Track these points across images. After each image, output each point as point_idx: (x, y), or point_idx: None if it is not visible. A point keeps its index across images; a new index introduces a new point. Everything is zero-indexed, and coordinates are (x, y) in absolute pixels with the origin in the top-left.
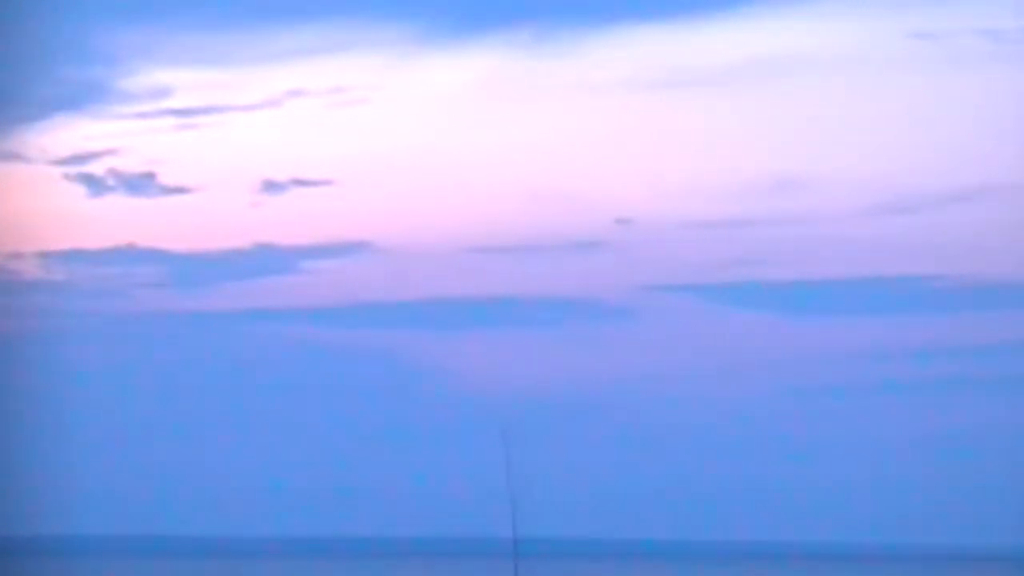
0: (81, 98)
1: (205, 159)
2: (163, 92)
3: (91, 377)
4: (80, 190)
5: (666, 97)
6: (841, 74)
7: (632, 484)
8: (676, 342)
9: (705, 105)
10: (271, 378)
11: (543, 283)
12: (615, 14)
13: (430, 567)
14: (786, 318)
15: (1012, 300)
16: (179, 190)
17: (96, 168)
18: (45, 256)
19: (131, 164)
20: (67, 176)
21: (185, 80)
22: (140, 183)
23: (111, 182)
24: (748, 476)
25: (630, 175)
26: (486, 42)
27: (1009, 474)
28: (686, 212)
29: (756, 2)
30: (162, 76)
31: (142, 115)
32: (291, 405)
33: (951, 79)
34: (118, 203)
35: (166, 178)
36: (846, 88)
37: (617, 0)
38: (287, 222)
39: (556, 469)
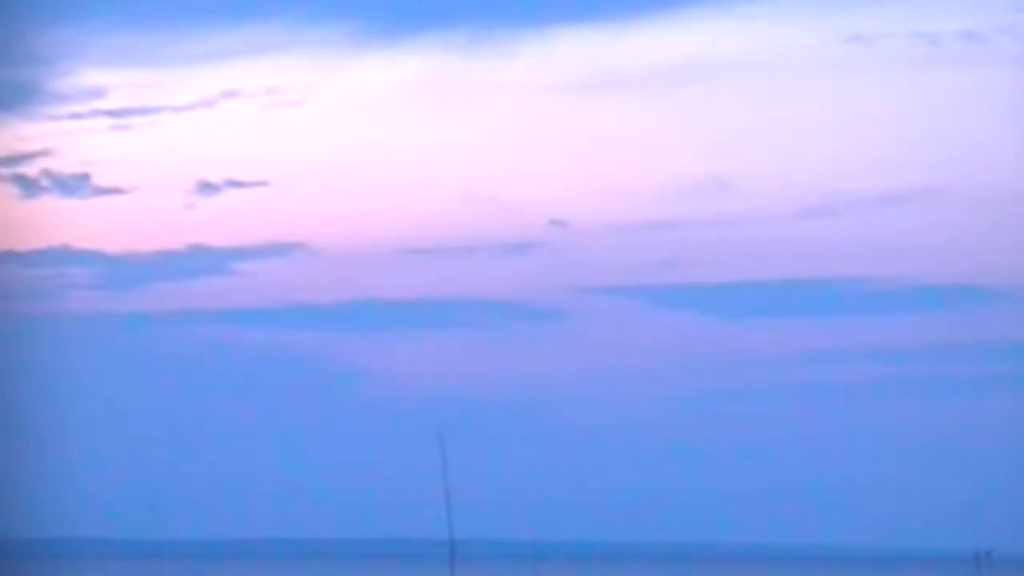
0: (13, 99)
1: (139, 160)
2: (97, 93)
3: (23, 379)
4: (13, 191)
5: (599, 99)
6: (772, 77)
7: (566, 485)
8: (609, 343)
9: (637, 107)
10: (205, 379)
11: (477, 284)
12: (548, 16)
13: (365, 569)
14: (717, 319)
15: (939, 301)
16: (113, 191)
17: (29, 169)
18: None
19: (65, 165)
20: (0, 177)
21: (119, 80)
22: (74, 184)
23: (44, 183)
24: (679, 477)
25: (563, 177)
26: (420, 43)
27: (936, 473)
28: (619, 214)
29: (689, 5)
30: (96, 76)
31: (76, 116)
32: (225, 406)
33: (882, 82)
34: (51, 204)
35: (100, 179)
36: (777, 91)
37: (550, 2)
38: (221, 223)
39: (491, 470)
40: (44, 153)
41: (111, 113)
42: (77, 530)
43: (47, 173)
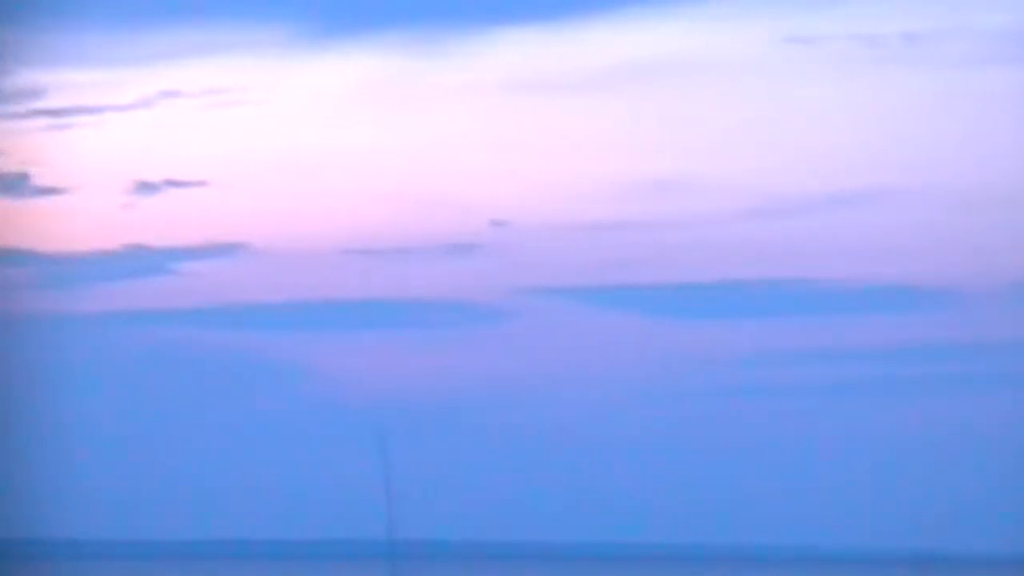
0: None
1: (79, 160)
2: (36, 92)
3: None
4: None
5: (542, 99)
6: (717, 77)
7: (509, 486)
8: (552, 344)
9: (581, 107)
10: (145, 380)
11: (419, 285)
12: (493, 17)
13: (306, 570)
14: (662, 321)
15: (890, 303)
16: (52, 191)
17: None
18: None
19: (4, 165)
20: None
21: (58, 80)
22: (13, 184)
23: None
24: (622, 478)
25: (507, 177)
26: (362, 44)
27: (888, 474)
28: (562, 214)
29: (633, 5)
30: (35, 76)
31: (14, 116)
32: (166, 407)
33: (827, 83)
34: None
35: (39, 179)
36: (722, 91)
37: (495, 3)
38: (161, 223)
39: (432, 472)
40: None
41: (51, 113)
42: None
43: None
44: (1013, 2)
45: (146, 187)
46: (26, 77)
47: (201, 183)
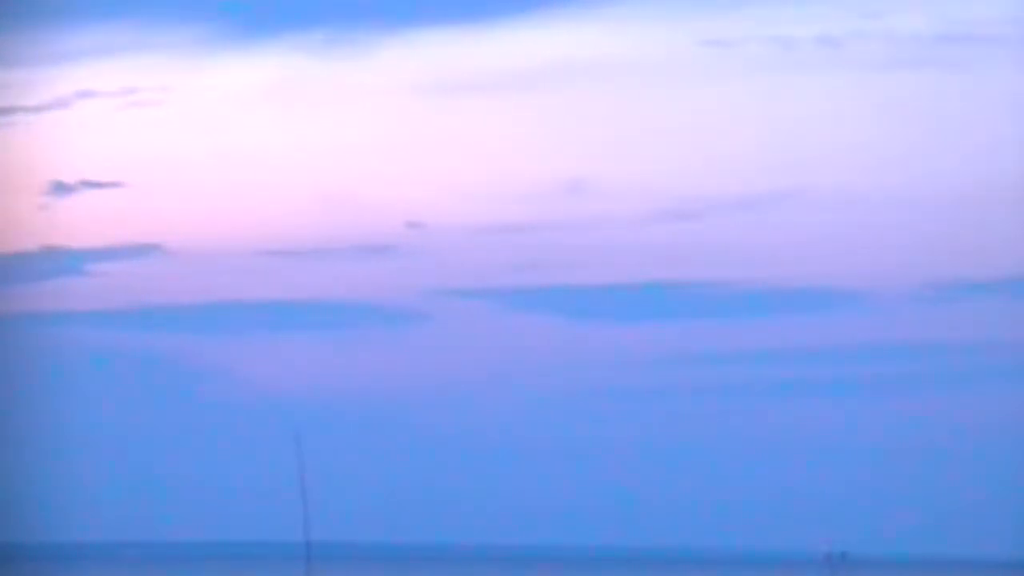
0: None
1: None
2: None
3: None
4: None
5: (456, 101)
6: (630, 80)
7: (424, 488)
8: (467, 347)
9: (495, 109)
10: (59, 382)
11: (334, 287)
12: (405, 18)
13: (221, 572)
14: (576, 323)
15: (801, 305)
16: None
17: None
18: None
19: None
20: None
21: None
22: None
23: None
24: (539, 479)
25: (421, 179)
26: (277, 45)
27: (802, 475)
28: (477, 216)
29: (546, 8)
30: None
31: None
32: (78, 409)
33: (742, 86)
34: None
35: None
36: (637, 93)
37: (407, 4)
38: (76, 224)
39: (349, 473)
40: None
41: None
42: None
43: None
44: (925, 6)
45: (61, 188)
46: None
47: (117, 184)
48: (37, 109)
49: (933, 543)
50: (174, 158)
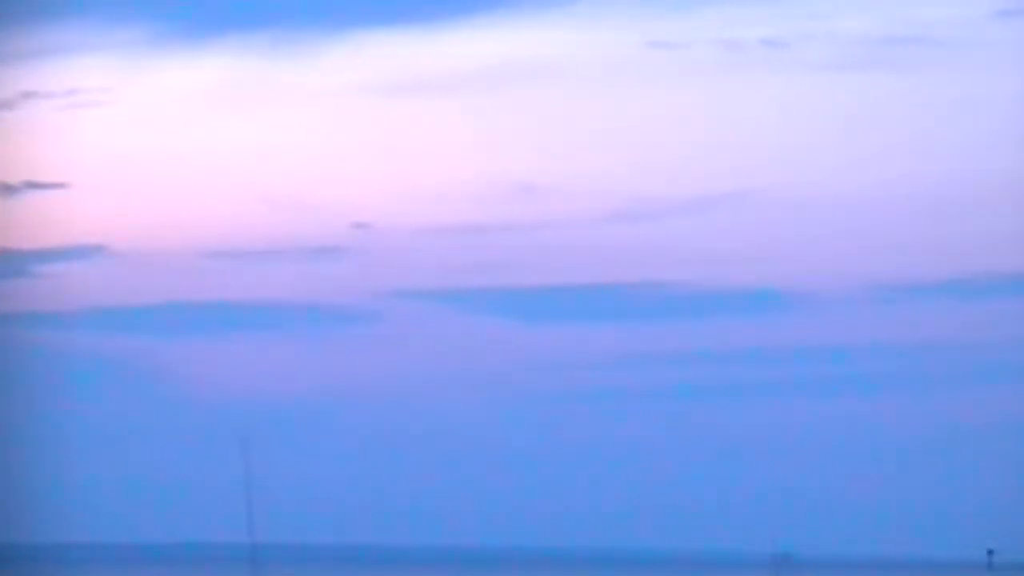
0: None
1: None
2: None
3: None
4: None
5: (405, 102)
6: (580, 81)
7: (372, 489)
8: (414, 347)
9: (444, 111)
10: (5, 382)
11: (281, 288)
12: (353, 19)
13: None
14: (525, 323)
15: (749, 306)
16: None
17: None
18: None
19: None
20: None
21: None
22: None
23: None
24: (488, 479)
25: (369, 180)
26: (222, 46)
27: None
28: (425, 217)
29: (495, 10)
30: None
31: None
32: (22, 412)
33: (689, 87)
34: None
35: None
36: (585, 94)
37: (355, 5)
38: (20, 225)
39: (296, 475)
40: None
41: None
42: None
43: None
44: (872, 9)
45: (5, 189)
46: None
47: (60, 185)
48: None
49: (883, 544)
50: (119, 159)
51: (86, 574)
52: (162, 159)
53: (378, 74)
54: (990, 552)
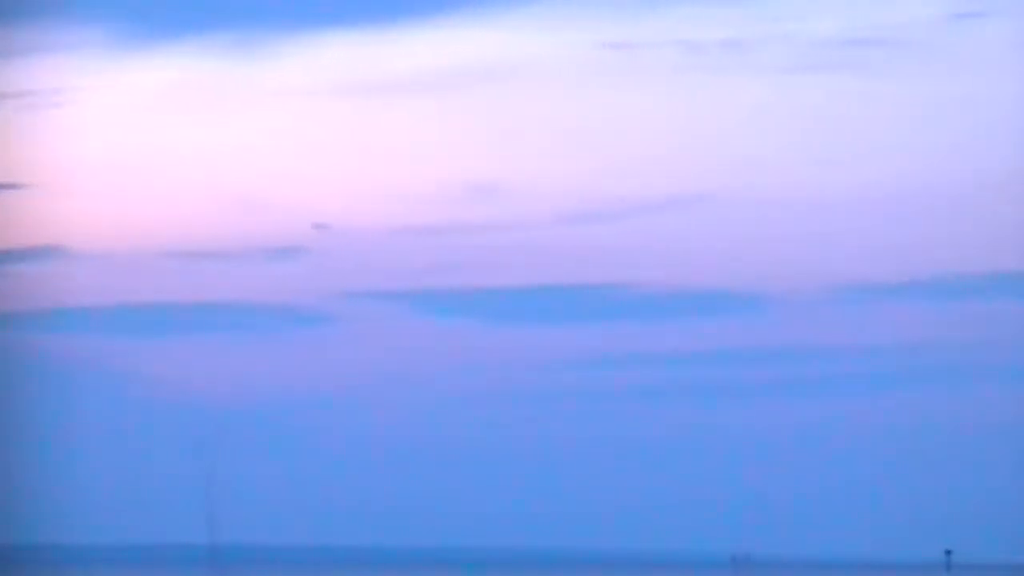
0: None
1: None
2: None
3: None
4: None
5: (365, 103)
6: (541, 82)
7: (334, 489)
8: (375, 348)
9: (405, 112)
10: None
11: (242, 288)
12: (314, 20)
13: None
14: (487, 325)
15: (707, 307)
16: None
17: None
18: None
19: None
20: None
21: None
22: None
23: None
24: (447, 480)
25: (328, 181)
26: (183, 46)
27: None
28: (385, 218)
29: (456, 11)
30: None
31: None
32: None
33: (649, 89)
34: None
35: None
36: (545, 96)
37: (316, 6)
38: None
39: (257, 475)
40: None
41: None
42: None
43: None
44: (831, 11)
45: None
46: None
47: (20, 185)
48: None
49: (843, 545)
50: (80, 159)
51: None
52: (123, 160)
53: (340, 75)
54: (948, 552)
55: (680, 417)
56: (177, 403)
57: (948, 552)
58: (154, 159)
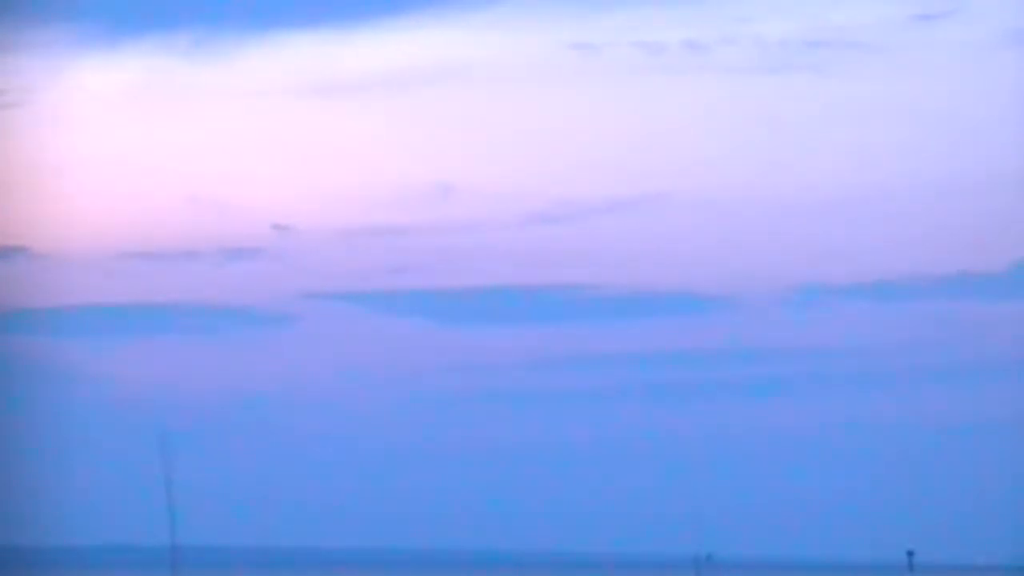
0: None
1: None
2: None
3: None
4: None
5: (324, 104)
6: (499, 84)
7: (291, 490)
8: (333, 349)
9: (363, 112)
10: None
11: (201, 289)
12: (272, 21)
13: None
14: (443, 325)
15: (667, 307)
16: None
17: None
18: None
19: None
20: None
21: None
22: None
23: None
24: (403, 480)
25: (288, 181)
26: (142, 46)
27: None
28: (345, 219)
29: (414, 12)
30: None
31: None
32: None
33: (608, 89)
34: None
35: None
36: (504, 97)
37: (274, 7)
38: None
39: (216, 476)
40: None
41: None
42: None
43: None
44: (792, 12)
45: None
46: None
47: None
48: None
49: (804, 546)
50: (36, 159)
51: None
52: (82, 160)
53: (299, 75)
54: (910, 553)
55: (640, 417)
56: (134, 404)
57: (910, 553)
58: (114, 160)
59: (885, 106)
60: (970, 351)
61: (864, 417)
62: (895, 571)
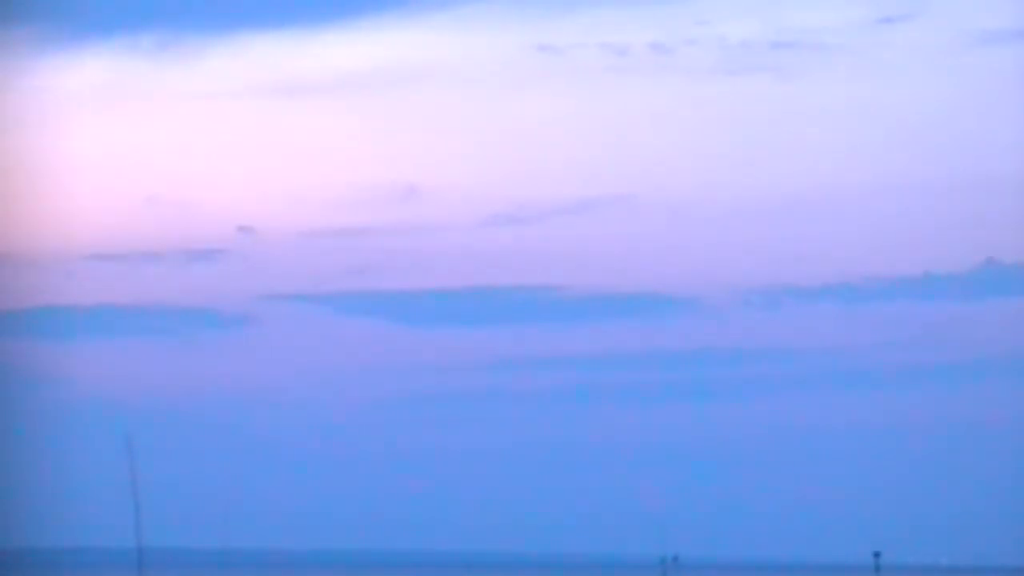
0: None
1: None
2: None
3: None
4: None
5: (287, 105)
6: (463, 85)
7: (254, 492)
8: (297, 350)
9: (327, 114)
10: None
11: (163, 290)
12: (237, 22)
13: None
14: (407, 326)
15: (629, 308)
16: None
17: None
18: None
19: None
20: None
21: None
22: None
23: None
24: (366, 481)
25: (251, 183)
26: (106, 47)
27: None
28: (308, 220)
29: (379, 13)
30: None
31: None
32: None
33: (572, 91)
34: None
35: None
36: (469, 98)
37: (238, 8)
38: None
39: (180, 478)
40: None
41: None
42: None
43: None
44: (757, 14)
45: None
46: None
47: None
48: None
49: (771, 547)
50: None
51: None
52: (44, 161)
53: (263, 76)
54: (876, 554)
55: (604, 418)
56: (97, 405)
57: (877, 554)
58: (77, 160)
59: (847, 108)
60: (933, 352)
61: (830, 418)
62: (862, 572)
